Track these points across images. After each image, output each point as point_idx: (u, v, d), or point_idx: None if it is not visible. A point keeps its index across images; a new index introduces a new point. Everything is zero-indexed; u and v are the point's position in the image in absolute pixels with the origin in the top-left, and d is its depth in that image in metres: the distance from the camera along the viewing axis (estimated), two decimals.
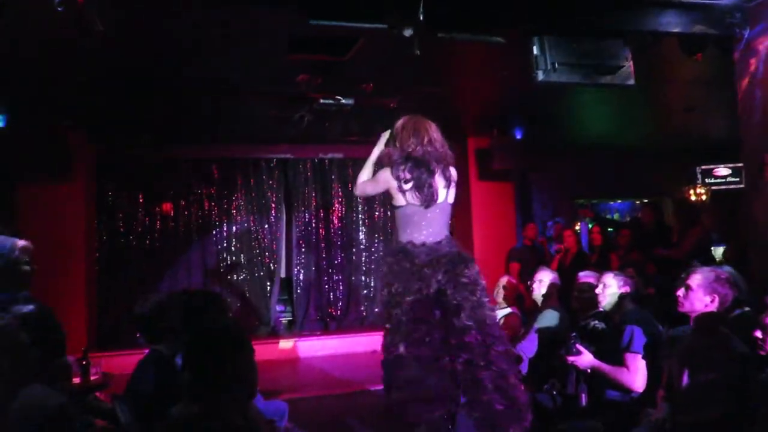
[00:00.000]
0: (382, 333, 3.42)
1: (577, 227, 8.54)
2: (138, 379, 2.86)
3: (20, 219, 6.70)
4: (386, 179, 3.45)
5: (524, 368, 4.68)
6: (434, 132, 3.48)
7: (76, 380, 3.88)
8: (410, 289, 3.29)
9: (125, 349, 6.90)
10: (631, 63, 4.01)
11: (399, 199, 3.45)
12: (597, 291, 3.82)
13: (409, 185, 3.40)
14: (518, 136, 8.27)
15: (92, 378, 4.03)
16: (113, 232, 7.95)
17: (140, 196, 8.06)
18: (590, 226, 8.32)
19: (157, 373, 2.78)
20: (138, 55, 4.82)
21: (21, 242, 2.99)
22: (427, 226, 3.44)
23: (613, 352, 3.48)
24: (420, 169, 3.39)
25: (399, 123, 3.53)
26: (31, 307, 2.56)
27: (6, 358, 1.84)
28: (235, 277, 8.36)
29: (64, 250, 6.82)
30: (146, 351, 3.05)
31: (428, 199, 3.41)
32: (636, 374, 3.39)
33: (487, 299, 3.37)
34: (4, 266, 2.86)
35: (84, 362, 3.97)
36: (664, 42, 4.24)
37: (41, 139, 6.41)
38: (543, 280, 4.99)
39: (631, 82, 4.06)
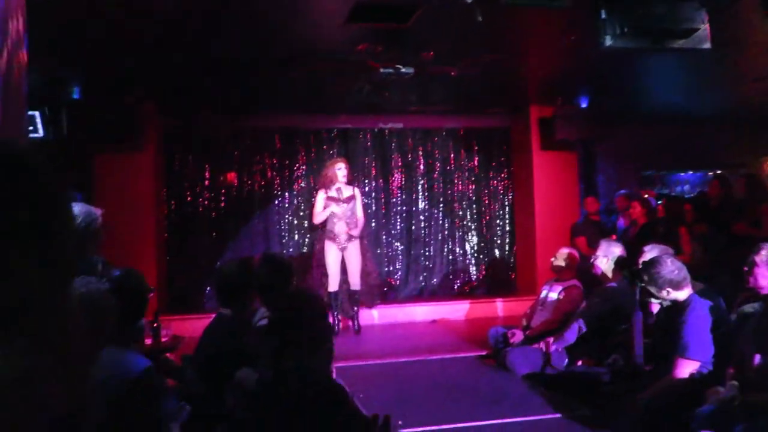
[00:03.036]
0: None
1: (645, 196, 8.23)
2: (206, 342, 2.98)
3: (96, 187, 7.04)
4: (325, 200, 6.94)
5: (572, 337, 4.68)
6: (346, 169, 7.08)
7: (148, 341, 4.08)
8: (333, 250, 6.94)
9: (193, 312, 7.19)
10: (708, 26, 3.80)
11: (329, 207, 6.90)
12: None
13: (338, 201, 6.91)
14: (583, 105, 8.01)
15: (163, 340, 4.22)
16: (181, 200, 8.21)
17: (206, 166, 8.29)
18: (659, 202, 8.04)
19: (224, 337, 2.90)
20: (202, 29, 4.91)
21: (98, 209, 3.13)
22: (340, 219, 6.88)
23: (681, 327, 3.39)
24: (343, 192, 6.93)
25: (328, 168, 7.08)
26: (123, 270, 2.68)
27: (98, 320, 1.91)
28: (296, 246, 8.53)
29: (136, 216, 7.12)
30: (212, 315, 3.18)
31: (349, 207, 6.94)
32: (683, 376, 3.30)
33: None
34: (93, 232, 2.98)
35: (155, 324, 4.15)
36: (744, 2, 3.99)
37: (114, 111, 6.65)
38: (606, 254, 4.89)
39: (707, 45, 3.85)
